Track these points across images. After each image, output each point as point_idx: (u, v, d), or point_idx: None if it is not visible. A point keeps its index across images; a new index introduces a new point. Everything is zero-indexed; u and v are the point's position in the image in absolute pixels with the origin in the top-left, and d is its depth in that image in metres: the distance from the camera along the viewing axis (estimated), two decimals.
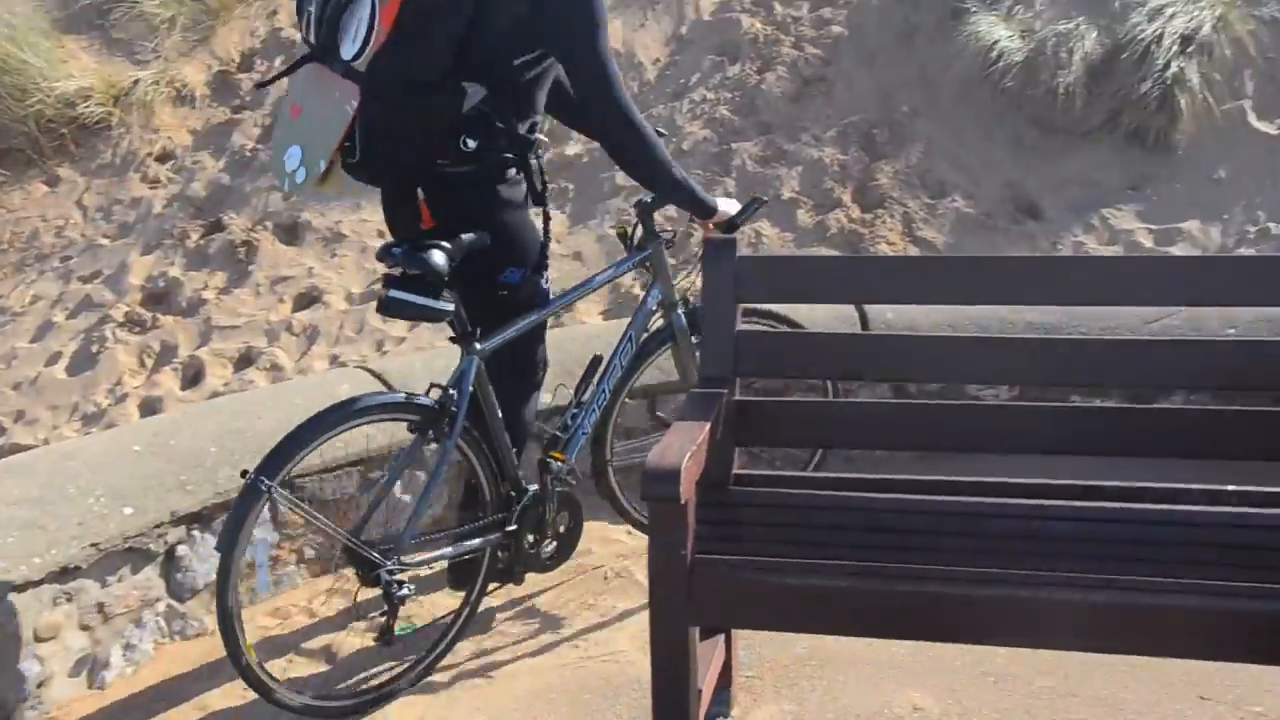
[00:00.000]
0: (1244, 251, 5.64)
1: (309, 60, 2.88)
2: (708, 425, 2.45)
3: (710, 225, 3.20)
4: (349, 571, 2.93)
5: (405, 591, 2.87)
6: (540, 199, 2.98)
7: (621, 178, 6.26)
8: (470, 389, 2.92)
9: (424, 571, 3.21)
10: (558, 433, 3.24)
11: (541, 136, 2.98)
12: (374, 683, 2.97)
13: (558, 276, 5.81)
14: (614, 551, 3.65)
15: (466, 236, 2.84)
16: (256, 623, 3.26)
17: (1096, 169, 6.07)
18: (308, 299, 6.04)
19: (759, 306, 3.49)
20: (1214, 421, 2.55)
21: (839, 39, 6.82)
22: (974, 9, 6.55)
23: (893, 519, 2.51)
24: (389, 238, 3.01)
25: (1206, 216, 5.79)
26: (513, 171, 2.93)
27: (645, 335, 3.42)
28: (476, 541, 3.04)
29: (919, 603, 2.22)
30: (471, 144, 2.80)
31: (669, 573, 2.29)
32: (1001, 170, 6.16)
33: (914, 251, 5.77)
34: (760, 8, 7.10)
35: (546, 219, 3.05)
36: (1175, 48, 6.08)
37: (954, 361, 2.68)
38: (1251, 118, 6.06)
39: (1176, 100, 5.99)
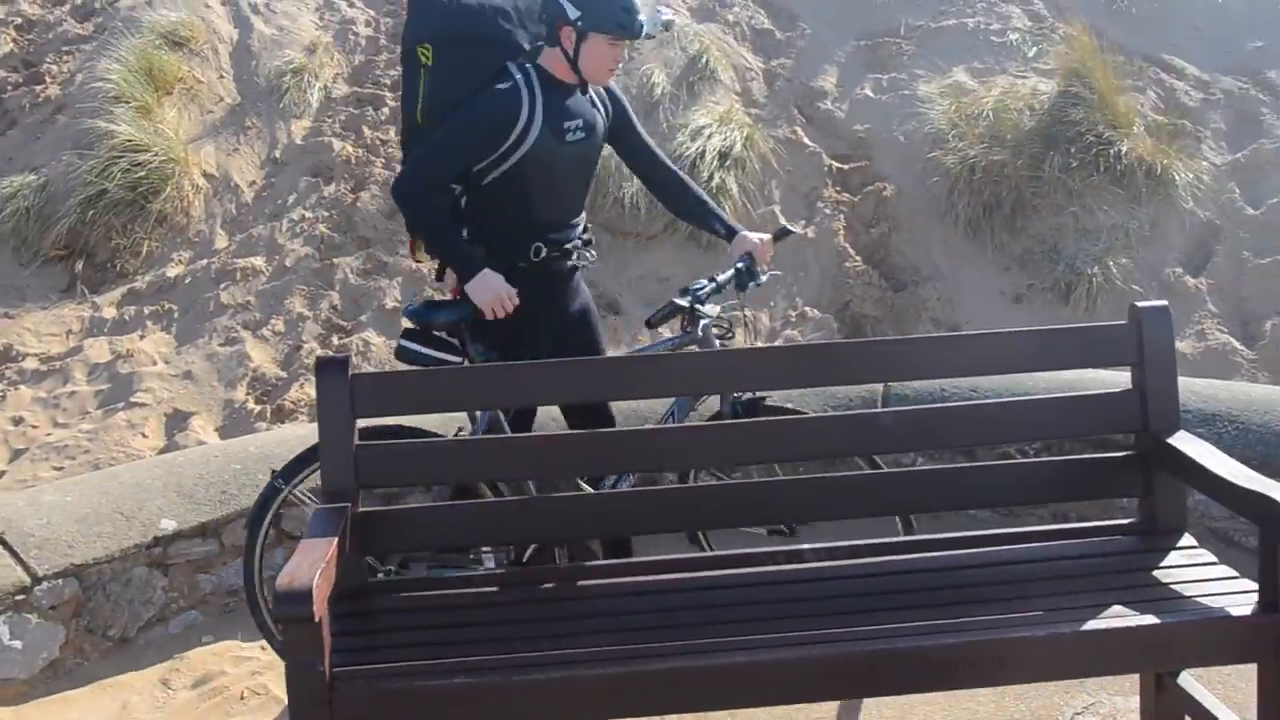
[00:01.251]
0: (789, 333, 6.14)
1: None
2: (335, 540, 2.35)
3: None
4: None
5: None
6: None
7: (227, 297, 5.98)
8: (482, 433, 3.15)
9: None
10: None
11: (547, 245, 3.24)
12: None
13: (171, 396, 5.43)
14: (248, 670, 3.40)
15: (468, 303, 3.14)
16: None
17: (664, 267, 6.41)
18: None
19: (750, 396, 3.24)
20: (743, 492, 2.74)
21: None
22: None
23: (514, 610, 2.52)
24: None
25: (756, 305, 6.26)
26: (521, 264, 3.21)
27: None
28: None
29: (533, 689, 2.21)
30: (468, 234, 3.22)
31: (308, 691, 2.16)
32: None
33: None
34: (350, 132, 7.03)
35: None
36: (715, 162, 6.57)
37: (559, 457, 2.72)
38: (782, 219, 6.63)
39: (721, 207, 6.45)
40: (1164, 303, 2.74)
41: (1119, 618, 2.29)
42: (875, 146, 7.00)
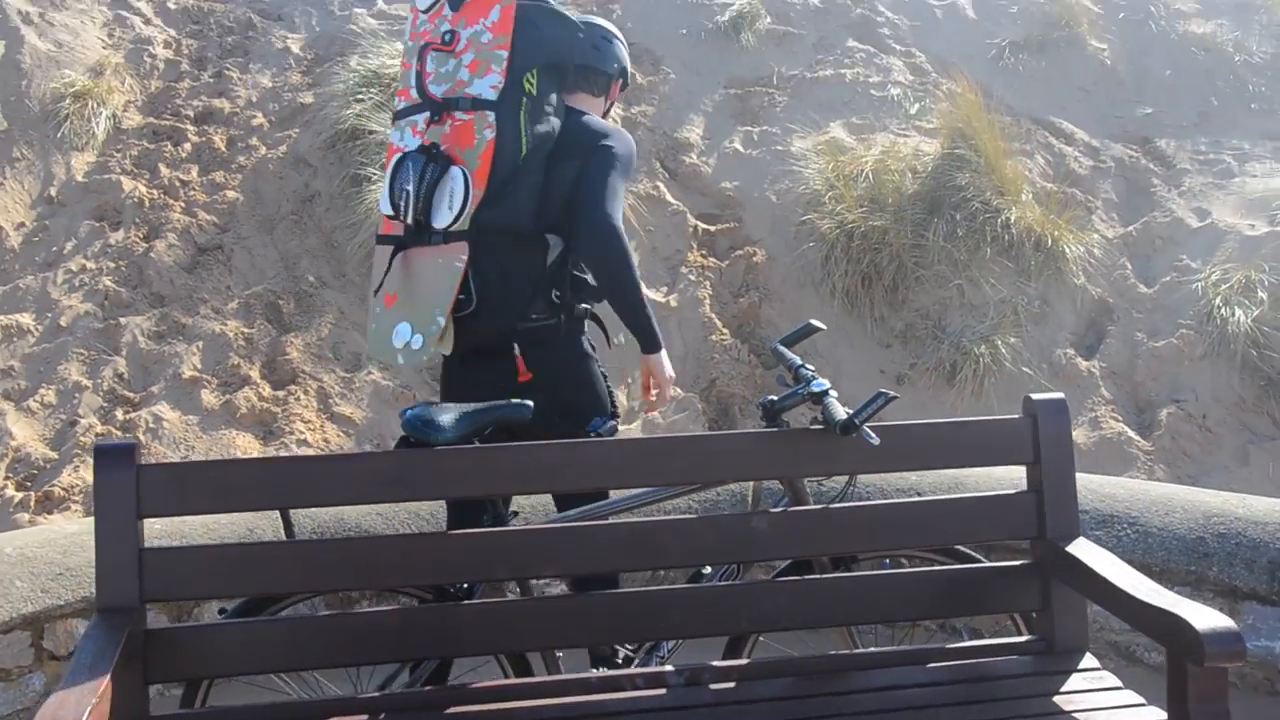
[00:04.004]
0: (649, 415, 6.14)
1: (396, 252, 3.26)
2: (110, 665, 2.22)
3: (653, 375, 3.46)
4: None
5: None
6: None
7: None
8: None
9: None
10: None
11: None
12: None
13: None
14: None
15: (505, 406, 2.88)
16: None
17: None
18: None
19: None
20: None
21: (235, 205, 6.70)
22: (375, 177, 6.73)
23: None
24: None
25: (611, 381, 6.26)
26: (589, 323, 3.35)
27: None
28: None
29: None
30: (557, 296, 3.23)
31: None
32: None
33: (332, 429, 5.70)
34: (144, 170, 6.83)
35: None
36: None
37: (379, 561, 2.64)
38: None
39: None
40: (1060, 395, 2.83)
41: None
42: (745, 206, 7.15)
